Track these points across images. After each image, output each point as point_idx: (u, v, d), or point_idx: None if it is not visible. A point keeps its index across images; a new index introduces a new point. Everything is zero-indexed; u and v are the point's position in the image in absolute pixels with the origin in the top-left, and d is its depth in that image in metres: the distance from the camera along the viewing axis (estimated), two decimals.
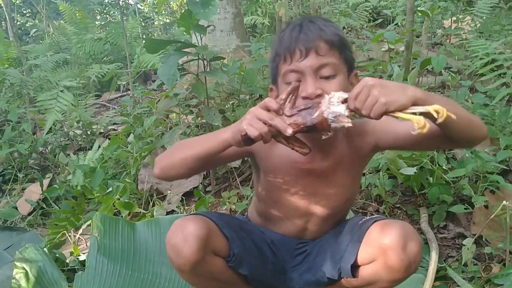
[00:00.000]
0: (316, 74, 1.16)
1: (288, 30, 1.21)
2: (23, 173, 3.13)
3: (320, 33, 1.17)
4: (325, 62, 1.16)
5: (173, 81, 2.09)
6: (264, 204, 1.42)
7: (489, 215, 1.71)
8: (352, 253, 1.20)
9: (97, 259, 1.66)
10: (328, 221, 1.38)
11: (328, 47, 1.16)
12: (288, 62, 1.18)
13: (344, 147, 1.29)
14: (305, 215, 1.36)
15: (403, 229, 1.12)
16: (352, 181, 1.34)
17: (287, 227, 1.40)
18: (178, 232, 1.18)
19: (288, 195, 1.33)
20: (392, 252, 1.10)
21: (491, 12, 3.38)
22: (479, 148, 2.04)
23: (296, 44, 1.16)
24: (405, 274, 1.14)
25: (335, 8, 4.37)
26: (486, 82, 2.54)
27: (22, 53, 5.07)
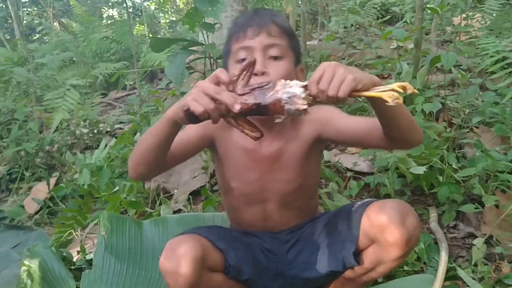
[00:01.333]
0: (265, 53, 1.22)
1: (243, 15, 1.32)
2: (30, 172, 3.12)
3: (273, 18, 1.26)
4: (275, 42, 1.23)
5: (181, 80, 2.09)
6: (225, 195, 1.44)
7: (500, 215, 1.70)
8: (352, 241, 1.22)
9: (104, 258, 1.65)
10: (285, 210, 1.38)
11: (279, 30, 1.25)
12: (241, 40, 1.24)
13: (291, 133, 1.32)
14: (261, 201, 1.37)
15: (399, 206, 1.16)
16: (302, 166, 1.34)
17: (250, 217, 1.40)
18: (171, 256, 1.15)
19: (242, 181, 1.35)
20: (392, 228, 1.13)
21: (502, 9, 3.35)
22: (490, 147, 2.02)
23: (249, 24, 1.24)
24: (406, 249, 1.15)
25: (343, 5, 4.35)
26: (496, 80, 2.52)
27: (28, 52, 5.07)
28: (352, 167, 2.25)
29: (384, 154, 2.05)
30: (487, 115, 2.23)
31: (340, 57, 3.53)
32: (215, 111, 0.96)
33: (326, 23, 4.40)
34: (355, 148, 2.40)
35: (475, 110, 2.32)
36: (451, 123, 2.30)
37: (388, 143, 1.21)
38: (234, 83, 0.99)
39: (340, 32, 4.12)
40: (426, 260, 1.72)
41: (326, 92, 0.95)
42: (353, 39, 3.79)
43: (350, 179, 2.22)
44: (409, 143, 1.23)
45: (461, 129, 2.25)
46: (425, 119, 2.27)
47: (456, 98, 2.40)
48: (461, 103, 2.31)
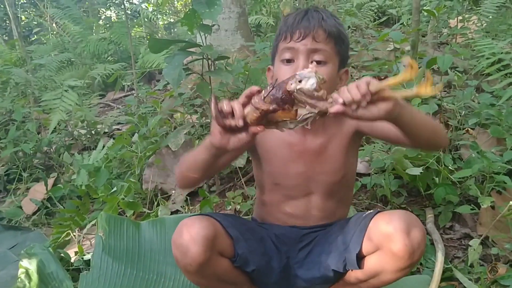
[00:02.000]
0: (309, 57, 1.25)
1: (294, 14, 1.31)
2: (27, 173, 3.13)
3: (321, 22, 1.26)
4: (319, 47, 1.25)
5: (178, 81, 2.09)
6: (266, 191, 1.45)
7: (496, 216, 1.71)
8: (357, 243, 1.22)
9: (102, 259, 1.65)
10: (329, 202, 1.40)
11: (325, 35, 1.25)
12: (287, 40, 1.27)
13: (333, 127, 1.36)
14: (306, 194, 1.39)
15: (406, 217, 1.16)
16: (345, 158, 1.38)
17: (289, 211, 1.42)
18: (184, 232, 1.18)
19: (288, 175, 1.37)
20: (396, 238, 1.12)
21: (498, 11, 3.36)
22: (486, 148, 2.03)
23: (297, 27, 1.26)
24: (409, 262, 1.15)
25: (340, 8, 4.36)
26: (492, 82, 2.53)
27: (26, 53, 5.07)
28: None
29: (381, 155, 2.06)
30: (483, 116, 2.24)
31: None
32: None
33: None
34: None
35: (471, 112, 2.33)
36: (448, 125, 2.31)
37: (416, 147, 1.30)
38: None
39: None
40: (423, 261, 1.73)
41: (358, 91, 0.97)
42: (350, 41, 3.78)
43: None
44: (434, 148, 1.34)
45: (457, 131, 2.26)
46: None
47: (453, 100, 2.42)
48: (457, 105, 2.32)
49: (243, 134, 1.02)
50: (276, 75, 1.30)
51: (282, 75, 1.24)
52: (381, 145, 2.14)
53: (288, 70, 1.25)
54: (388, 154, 2.04)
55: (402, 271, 1.19)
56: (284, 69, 1.27)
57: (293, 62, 1.26)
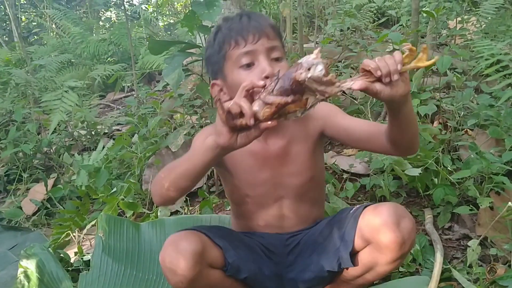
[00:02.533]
0: (268, 56, 1.24)
1: (235, 21, 1.28)
2: (27, 173, 3.13)
3: (267, 21, 1.29)
4: (274, 44, 1.26)
5: (178, 82, 2.10)
6: (238, 204, 1.44)
7: (495, 217, 1.71)
8: (349, 241, 1.23)
9: (101, 259, 1.66)
10: (301, 204, 1.40)
11: (274, 32, 1.27)
12: (241, 45, 1.23)
13: (295, 128, 1.35)
14: (276, 200, 1.38)
15: (394, 208, 1.17)
16: (310, 159, 1.37)
17: (266, 220, 1.41)
18: (171, 251, 1.16)
19: (256, 184, 1.36)
20: (386, 230, 1.14)
21: (497, 12, 3.36)
22: (484, 149, 2.03)
23: (249, 29, 1.24)
24: (401, 252, 1.16)
25: (340, 9, 4.36)
26: (491, 83, 2.53)
27: (27, 54, 5.08)
28: (348, 168, 2.26)
29: (380, 156, 2.07)
30: (482, 117, 2.24)
31: (337, 59, 3.54)
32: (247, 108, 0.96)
33: (322, 26, 4.41)
34: (354, 149, 2.41)
35: (470, 113, 2.33)
36: (446, 126, 2.31)
37: (389, 149, 1.24)
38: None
39: (337, 35, 4.13)
40: (421, 262, 1.73)
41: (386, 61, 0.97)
42: (350, 42, 3.80)
43: (346, 180, 2.23)
44: (410, 151, 1.27)
45: (456, 132, 2.26)
46: (420, 121, 2.28)
47: (451, 101, 2.42)
48: (456, 106, 2.32)
49: (252, 131, 0.99)
50: (235, 85, 1.19)
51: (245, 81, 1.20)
52: None
53: (251, 74, 1.21)
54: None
55: (395, 262, 1.20)
56: (246, 75, 1.22)
57: (253, 65, 1.23)
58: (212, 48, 1.31)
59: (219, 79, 1.32)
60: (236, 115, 0.97)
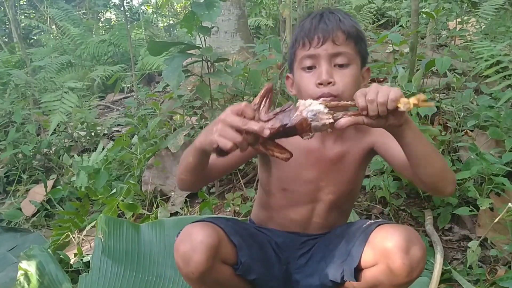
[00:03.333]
0: (331, 61, 1.22)
1: (309, 18, 1.27)
2: (27, 175, 3.13)
3: (339, 24, 1.23)
4: (340, 50, 1.22)
5: (177, 83, 2.10)
6: (272, 195, 1.42)
7: (495, 218, 1.71)
8: (356, 256, 1.19)
9: (101, 261, 1.66)
10: (332, 212, 1.39)
11: (344, 37, 1.23)
12: (306, 47, 1.24)
13: (352, 137, 1.33)
14: (312, 201, 1.37)
15: (407, 233, 1.12)
16: (356, 172, 1.36)
17: (292, 217, 1.40)
18: (187, 240, 1.16)
19: (298, 181, 1.35)
20: (395, 255, 1.10)
21: (496, 13, 3.37)
22: (484, 150, 2.03)
23: (315, 32, 1.22)
24: (407, 279, 1.12)
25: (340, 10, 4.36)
26: (491, 84, 2.53)
27: (26, 55, 5.08)
28: None
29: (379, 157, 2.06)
30: (482, 118, 2.24)
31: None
32: (243, 143, 0.97)
33: None
34: None
35: (470, 114, 2.33)
36: (446, 127, 2.31)
37: (417, 183, 1.22)
38: (257, 111, 1.00)
39: None
40: None
41: (376, 100, 0.95)
42: None
43: None
44: (436, 190, 1.20)
45: (456, 133, 2.26)
46: (420, 122, 2.28)
47: (451, 102, 2.42)
48: (456, 107, 2.32)
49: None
50: (298, 84, 1.28)
51: (305, 83, 1.24)
52: None
53: (311, 77, 1.23)
54: None
55: (400, 286, 1.16)
56: (306, 77, 1.25)
57: (314, 68, 1.23)
58: (291, 42, 1.34)
59: (291, 73, 1.35)
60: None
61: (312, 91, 1.22)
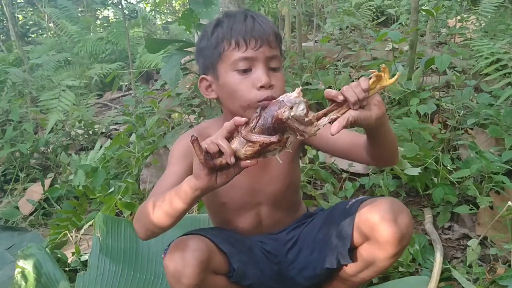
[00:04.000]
0: (266, 65, 1.21)
1: (240, 19, 1.22)
2: (24, 173, 3.12)
3: (272, 27, 1.24)
4: (275, 54, 1.23)
5: (175, 81, 2.09)
6: (216, 213, 1.44)
7: (494, 216, 1.70)
8: (347, 238, 1.22)
9: (99, 260, 1.65)
10: (278, 210, 1.40)
11: (276, 41, 1.24)
12: (242, 49, 1.19)
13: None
14: (254, 207, 1.38)
15: (391, 204, 1.17)
16: (289, 166, 1.37)
17: (243, 227, 1.40)
18: (177, 257, 1.13)
19: (233, 192, 1.33)
20: (384, 226, 1.14)
21: (496, 11, 3.36)
22: (484, 148, 2.03)
23: (252, 33, 1.19)
24: (399, 247, 1.16)
25: (339, 7, 4.36)
26: (491, 82, 2.53)
27: (24, 53, 5.06)
28: (348, 168, 2.25)
29: None
30: (481, 116, 2.23)
31: (336, 58, 3.53)
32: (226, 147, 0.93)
33: (321, 24, 4.41)
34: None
35: (470, 112, 2.33)
36: (446, 125, 2.31)
37: (369, 161, 1.25)
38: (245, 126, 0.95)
39: (336, 34, 4.13)
40: (421, 261, 1.72)
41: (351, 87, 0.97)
42: (349, 40, 3.79)
43: (346, 180, 2.22)
44: (388, 164, 1.32)
45: (456, 131, 2.25)
46: (420, 120, 2.28)
47: (451, 100, 2.41)
48: (455, 105, 2.31)
49: (231, 169, 0.96)
50: (230, 87, 1.21)
51: (242, 86, 1.19)
52: None
53: (246, 80, 1.19)
54: None
55: (394, 256, 1.20)
56: (240, 80, 1.20)
57: (249, 71, 1.20)
58: (208, 41, 1.26)
59: (209, 75, 1.28)
60: (215, 154, 0.94)
61: (251, 95, 1.18)
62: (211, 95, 1.29)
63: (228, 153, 0.92)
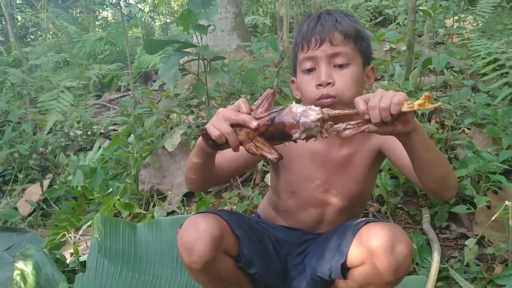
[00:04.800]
0: (330, 62, 1.23)
1: (307, 22, 1.28)
2: (23, 174, 3.12)
3: (335, 24, 1.24)
4: (338, 51, 1.22)
5: (174, 82, 2.09)
6: (282, 197, 1.43)
7: (492, 216, 1.70)
8: (342, 254, 1.20)
9: (97, 260, 1.65)
10: (344, 214, 1.39)
11: (342, 37, 1.23)
12: (305, 50, 1.25)
13: (359, 140, 1.32)
14: (322, 205, 1.37)
15: (391, 231, 1.11)
16: (366, 174, 1.35)
17: (302, 219, 1.41)
18: (191, 230, 1.17)
19: (307, 185, 1.35)
20: (380, 254, 1.09)
21: (493, 11, 3.37)
22: (481, 148, 2.03)
23: (312, 34, 1.24)
24: (394, 278, 1.12)
25: (337, 8, 4.37)
26: (488, 82, 2.53)
27: (22, 54, 5.06)
28: None
29: None
30: (479, 116, 2.24)
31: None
32: (231, 135, 0.99)
33: None
34: None
35: (467, 112, 2.33)
36: (443, 125, 2.31)
37: (419, 184, 1.21)
38: (254, 111, 1.01)
39: None
40: (419, 261, 1.73)
41: (378, 106, 0.94)
42: None
43: None
44: (438, 194, 1.20)
45: (453, 131, 2.26)
46: (417, 120, 2.28)
47: (449, 100, 2.42)
48: (453, 105, 2.32)
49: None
50: (300, 87, 1.30)
51: (305, 85, 1.25)
52: None
53: (311, 79, 1.24)
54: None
55: (390, 284, 1.16)
56: (306, 79, 1.26)
57: (314, 70, 1.24)
58: (293, 44, 1.34)
59: (295, 77, 1.35)
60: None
61: (312, 93, 1.23)
62: (298, 95, 1.35)
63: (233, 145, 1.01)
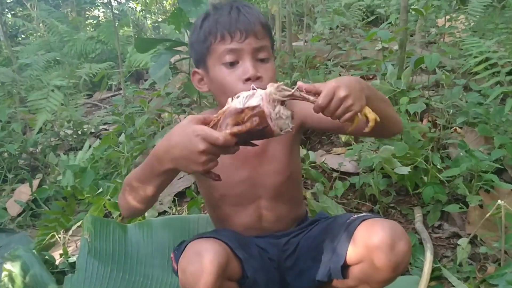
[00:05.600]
0: (254, 56, 1.20)
1: (225, 11, 1.22)
2: (12, 174, 3.09)
3: (258, 18, 1.22)
4: (262, 45, 1.21)
5: (165, 80, 2.08)
6: (215, 207, 1.41)
7: (484, 215, 1.71)
8: (341, 254, 1.18)
9: (87, 261, 1.62)
10: (278, 203, 1.37)
11: (264, 31, 1.22)
12: (228, 41, 1.19)
13: None
14: (254, 199, 1.35)
15: (391, 229, 1.11)
16: (288, 156, 1.34)
17: (244, 222, 1.37)
18: (195, 261, 1.08)
19: (233, 184, 1.32)
20: (380, 252, 1.09)
21: (485, 11, 3.37)
22: (473, 147, 2.03)
23: (237, 25, 1.18)
24: (394, 274, 1.13)
25: (329, 7, 4.36)
26: (480, 81, 2.53)
27: (12, 53, 5.01)
28: (338, 167, 2.25)
29: (369, 154, 2.06)
30: (471, 115, 2.24)
31: (326, 58, 3.53)
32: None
33: (311, 24, 4.40)
34: (343, 148, 2.40)
35: (459, 111, 2.33)
36: (436, 124, 2.31)
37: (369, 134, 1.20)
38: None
39: (326, 33, 4.13)
40: (411, 261, 1.72)
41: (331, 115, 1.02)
42: (339, 40, 3.79)
43: (336, 179, 2.22)
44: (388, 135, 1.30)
45: (445, 130, 2.26)
46: (409, 119, 2.28)
47: (441, 99, 2.42)
48: (445, 104, 2.32)
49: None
50: (219, 80, 1.22)
51: (230, 80, 1.19)
52: (369, 144, 2.13)
53: (235, 73, 1.19)
54: (377, 153, 2.03)
55: (387, 281, 1.16)
56: (229, 73, 1.20)
57: (237, 64, 1.19)
58: (198, 35, 1.26)
59: (200, 68, 1.28)
60: None
61: (239, 88, 1.15)
62: (204, 88, 1.30)
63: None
